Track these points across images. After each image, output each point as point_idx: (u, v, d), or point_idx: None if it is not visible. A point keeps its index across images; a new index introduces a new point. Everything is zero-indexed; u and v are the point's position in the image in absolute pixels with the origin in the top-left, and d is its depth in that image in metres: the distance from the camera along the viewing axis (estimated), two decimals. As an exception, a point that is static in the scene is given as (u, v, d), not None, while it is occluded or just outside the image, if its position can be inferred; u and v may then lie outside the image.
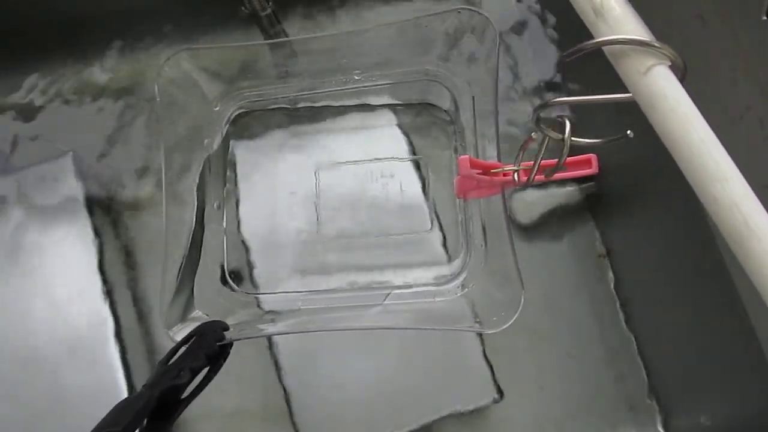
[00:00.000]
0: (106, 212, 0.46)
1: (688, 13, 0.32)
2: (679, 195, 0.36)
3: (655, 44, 0.20)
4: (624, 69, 0.21)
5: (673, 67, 0.21)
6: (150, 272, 0.45)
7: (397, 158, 0.46)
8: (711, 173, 0.19)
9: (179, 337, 0.36)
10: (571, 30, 0.45)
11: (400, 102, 0.47)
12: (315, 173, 0.46)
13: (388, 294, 0.43)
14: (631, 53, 0.20)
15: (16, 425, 0.42)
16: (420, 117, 0.47)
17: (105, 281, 0.44)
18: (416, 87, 0.47)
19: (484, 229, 0.41)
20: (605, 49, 0.21)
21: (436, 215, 0.45)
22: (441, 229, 0.44)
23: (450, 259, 0.44)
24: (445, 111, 0.46)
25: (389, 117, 0.47)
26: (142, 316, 0.45)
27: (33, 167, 0.46)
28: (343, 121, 0.47)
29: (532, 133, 0.33)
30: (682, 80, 0.21)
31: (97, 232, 0.45)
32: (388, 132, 0.46)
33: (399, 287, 0.43)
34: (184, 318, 0.39)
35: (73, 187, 0.45)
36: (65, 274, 0.44)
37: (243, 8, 0.47)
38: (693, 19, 0.31)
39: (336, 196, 0.45)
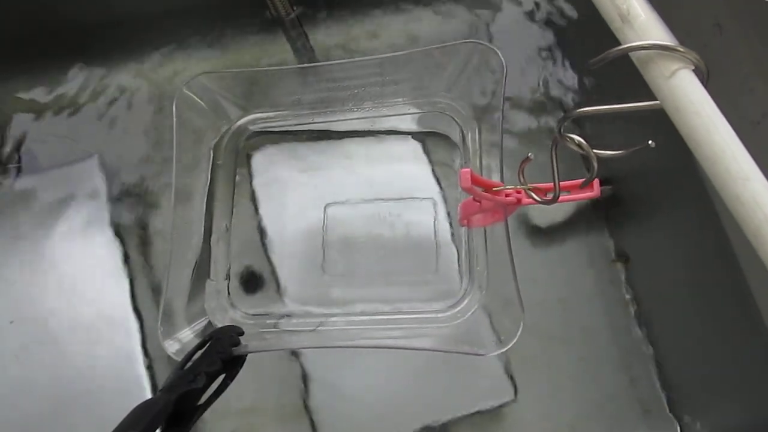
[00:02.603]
0: (129, 213, 0.47)
1: (705, 20, 0.33)
2: (693, 201, 0.37)
3: (680, 49, 0.21)
4: (650, 73, 0.21)
5: (697, 71, 0.21)
6: (171, 273, 0.46)
7: (404, 192, 0.46)
8: (733, 173, 0.20)
9: (173, 350, 0.37)
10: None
11: (410, 131, 0.47)
12: (324, 204, 0.46)
13: (387, 318, 0.43)
14: (656, 58, 0.21)
15: (41, 420, 0.43)
16: (429, 148, 0.47)
17: (128, 280, 0.45)
18: (426, 117, 0.47)
19: (486, 255, 0.42)
20: (632, 55, 0.22)
21: (442, 251, 0.45)
22: (445, 265, 0.44)
23: (453, 293, 0.44)
24: (453, 141, 0.47)
25: (399, 148, 0.47)
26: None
27: (60, 168, 0.47)
28: (353, 151, 0.47)
29: (529, 154, 0.34)
30: (704, 84, 0.21)
31: (119, 233, 0.46)
32: (398, 164, 0.47)
33: (401, 313, 0.43)
34: (185, 329, 0.40)
35: (98, 189, 0.46)
36: (89, 273, 0.45)
37: (268, 13, 0.48)
38: (710, 27, 0.32)
39: (343, 230, 0.45)
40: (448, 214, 0.45)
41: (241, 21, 0.51)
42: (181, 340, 0.39)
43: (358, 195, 0.46)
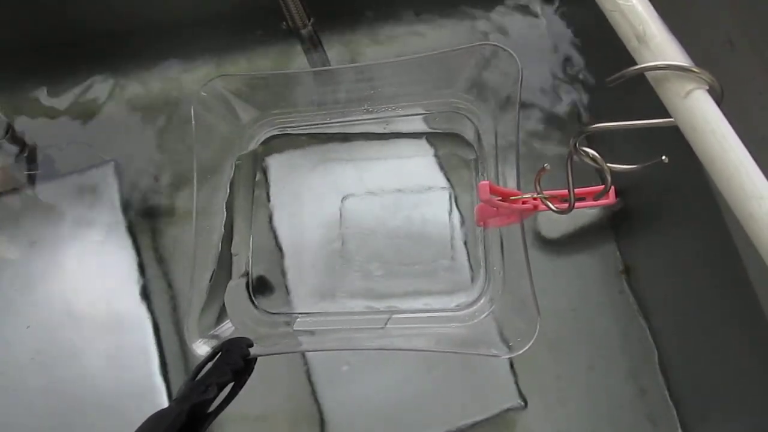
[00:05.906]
0: (144, 220, 0.48)
1: (717, 37, 0.33)
2: (703, 214, 0.37)
3: (695, 69, 0.21)
4: (665, 93, 0.22)
5: (711, 91, 0.22)
6: (184, 279, 0.46)
7: (420, 189, 0.46)
8: (748, 191, 0.20)
9: (201, 352, 0.38)
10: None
11: (425, 132, 0.48)
12: (341, 200, 0.46)
13: (404, 317, 0.43)
14: (672, 78, 0.21)
15: (56, 424, 0.43)
16: (444, 147, 0.47)
17: (142, 285, 0.45)
18: (441, 118, 0.47)
19: (502, 256, 0.42)
20: (647, 74, 0.22)
21: (458, 244, 0.45)
22: (461, 258, 0.45)
23: (469, 287, 0.44)
24: (468, 141, 0.47)
25: (414, 147, 0.48)
26: (178, 321, 0.46)
27: (76, 174, 0.48)
28: (369, 149, 0.48)
29: (545, 164, 0.34)
30: (719, 104, 0.22)
31: (134, 239, 0.47)
32: (414, 161, 0.47)
33: (417, 311, 0.44)
34: (207, 333, 0.40)
35: (113, 195, 0.47)
36: (104, 278, 0.45)
37: (283, 24, 0.48)
38: (722, 44, 0.33)
39: (360, 223, 0.46)
40: (460, 213, 0.46)
41: (257, 32, 0.51)
42: (208, 341, 0.40)
43: (374, 190, 0.47)
